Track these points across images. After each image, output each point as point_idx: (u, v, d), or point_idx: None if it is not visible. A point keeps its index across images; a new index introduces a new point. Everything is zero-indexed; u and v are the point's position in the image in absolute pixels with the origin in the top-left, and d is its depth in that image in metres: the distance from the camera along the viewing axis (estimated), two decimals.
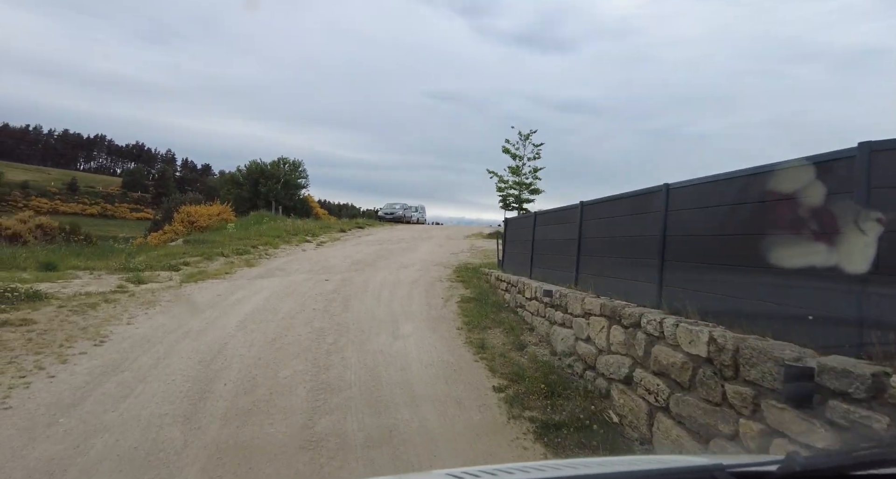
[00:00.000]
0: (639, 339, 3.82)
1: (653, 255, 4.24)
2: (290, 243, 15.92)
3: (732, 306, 3.26)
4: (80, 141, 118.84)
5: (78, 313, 5.90)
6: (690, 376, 3.13)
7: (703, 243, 3.81)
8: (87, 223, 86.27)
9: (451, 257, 13.90)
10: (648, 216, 4.47)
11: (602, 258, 5.38)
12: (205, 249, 13.08)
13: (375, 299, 7.71)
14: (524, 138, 24.76)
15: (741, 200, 3.45)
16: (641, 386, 3.68)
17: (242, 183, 31.12)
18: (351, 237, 19.67)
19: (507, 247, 9.38)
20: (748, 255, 3.18)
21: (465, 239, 20.80)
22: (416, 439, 3.46)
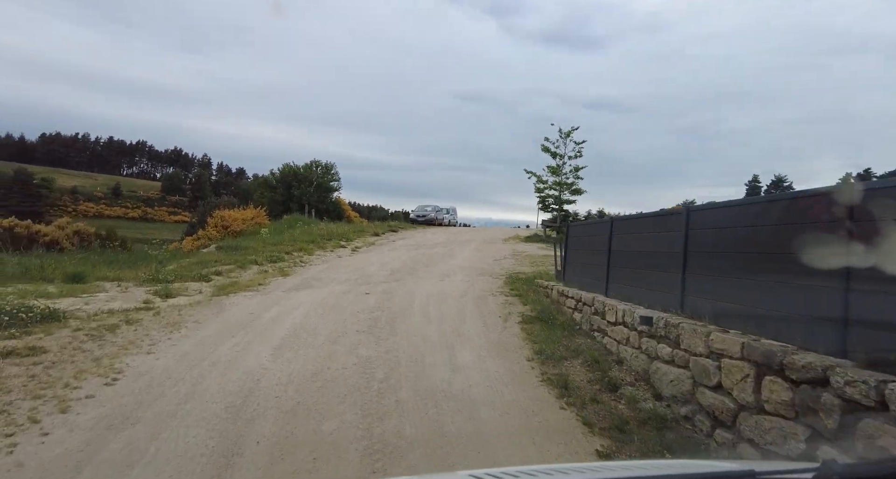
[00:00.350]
0: (827, 403, 2.69)
1: (820, 273, 3.07)
2: (325, 249, 15.21)
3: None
4: (124, 147, 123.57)
5: (94, 338, 5.16)
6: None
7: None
8: (129, 226, 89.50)
9: (495, 264, 12.83)
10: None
11: (724, 278, 4.22)
12: (237, 256, 12.48)
13: (424, 318, 6.74)
14: (564, 136, 23.43)
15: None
16: None
17: (276, 186, 30.93)
18: (385, 242, 18.88)
19: (569, 256, 8.26)
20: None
21: (504, 243, 19.70)
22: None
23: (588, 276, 7.15)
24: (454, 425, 3.78)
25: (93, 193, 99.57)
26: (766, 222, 3.83)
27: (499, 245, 18.41)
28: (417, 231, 25.63)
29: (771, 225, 3.77)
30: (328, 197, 31.24)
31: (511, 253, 15.44)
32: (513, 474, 1.06)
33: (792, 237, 3.41)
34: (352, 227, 23.26)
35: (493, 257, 14.29)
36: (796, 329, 3.26)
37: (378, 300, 7.72)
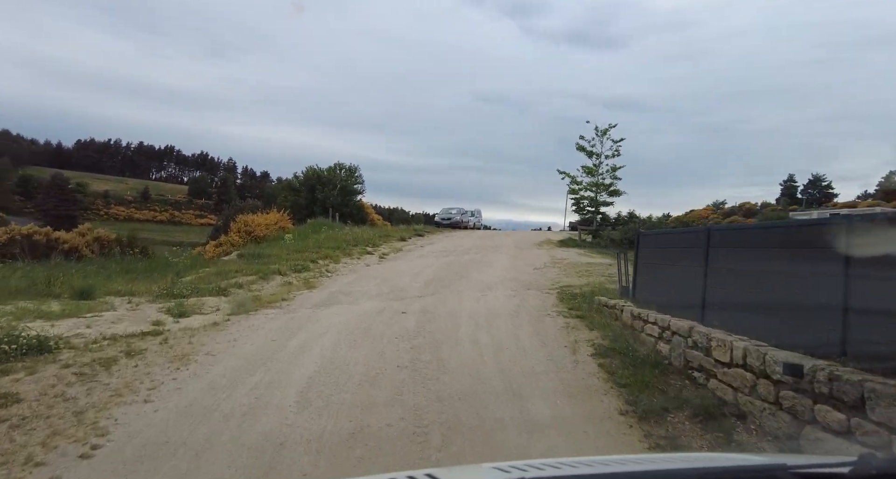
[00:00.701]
0: None
1: None
2: (351, 256, 14.26)
3: None
4: (153, 152, 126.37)
5: (84, 378, 4.21)
6: None
7: None
8: (157, 229, 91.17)
9: (537, 274, 11.64)
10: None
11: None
12: (260, 265, 11.61)
13: (474, 347, 5.63)
14: (601, 134, 22.10)
15: None
16: None
17: (299, 189, 30.32)
18: (413, 247, 17.87)
19: (641, 270, 7.04)
20: None
21: (539, 248, 18.45)
22: None
23: (672, 296, 5.92)
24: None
25: (123, 196, 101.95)
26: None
27: (534, 251, 17.20)
28: (444, 235, 24.59)
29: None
30: (352, 200, 30.47)
31: (550, 260, 14.21)
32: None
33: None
34: (377, 231, 22.37)
35: (532, 265, 13.10)
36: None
37: (417, 322, 6.65)
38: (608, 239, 20.68)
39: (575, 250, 17.44)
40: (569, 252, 16.74)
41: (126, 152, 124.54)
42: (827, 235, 3.73)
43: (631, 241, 20.48)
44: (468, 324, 6.57)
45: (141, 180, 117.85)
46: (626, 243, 19.56)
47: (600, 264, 13.55)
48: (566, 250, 17.47)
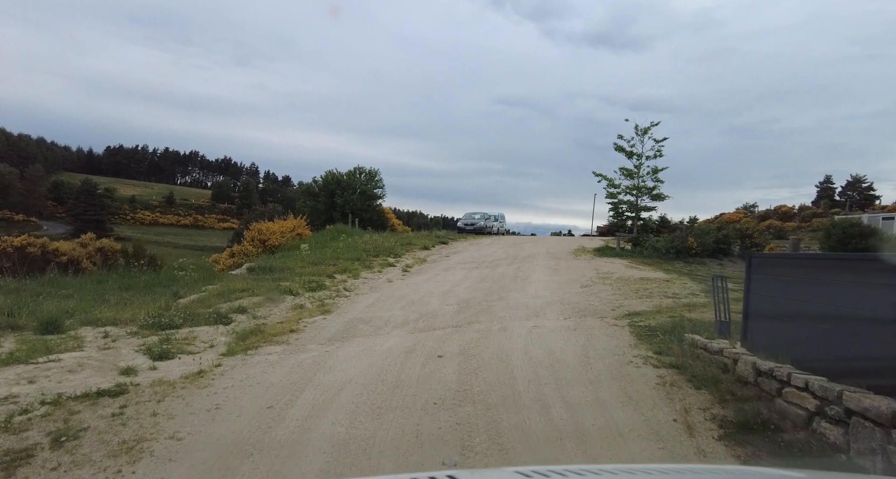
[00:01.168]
0: None
1: None
2: (372, 269, 12.76)
3: None
4: (178, 157, 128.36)
5: None
6: None
7: None
8: (181, 233, 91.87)
9: (588, 293, 9.92)
10: None
11: None
12: (271, 281, 10.20)
13: (546, 421, 3.98)
14: (641, 133, 20.15)
15: None
16: None
17: (318, 194, 29.14)
18: (438, 257, 16.29)
19: (756, 304, 5.27)
20: None
21: (575, 257, 16.68)
22: None
23: (824, 350, 4.16)
24: None
25: (149, 201, 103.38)
26: None
27: (572, 262, 15.44)
28: (468, 242, 22.98)
29: None
30: (372, 205, 29.15)
31: (596, 274, 12.45)
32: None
33: None
34: (398, 238, 20.88)
35: (577, 281, 11.37)
36: None
37: (459, 373, 5.03)
38: (650, 247, 18.76)
39: (619, 262, 15.60)
40: (613, 264, 14.93)
41: (153, 158, 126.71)
42: None
43: (678, 250, 18.49)
44: (527, 377, 4.92)
45: (166, 185, 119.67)
46: (672, 252, 17.62)
47: (656, 280, 11.73)
48: (609, 261, 15.65)
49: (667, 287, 10.79)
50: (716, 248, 17.48)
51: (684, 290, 10.54)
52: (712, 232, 18.08)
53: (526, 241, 25.83)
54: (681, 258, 17.26)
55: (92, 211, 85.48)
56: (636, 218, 20.14)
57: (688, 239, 17.39)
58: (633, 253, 18.11)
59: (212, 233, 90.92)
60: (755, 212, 59.77)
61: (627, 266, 14.54)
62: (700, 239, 17.38)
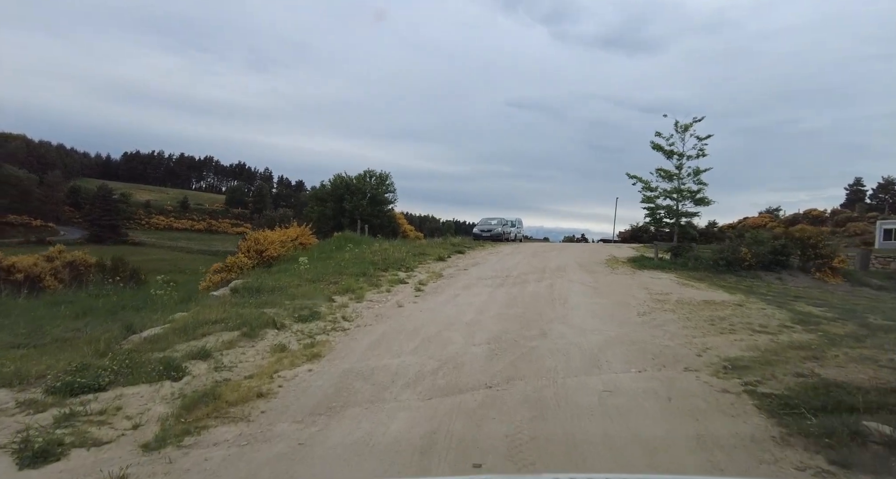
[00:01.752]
0: None
1: None
2: (379, 287, 10.71)
3: None
4: (193, 163, 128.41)
5: None
6: None
7: None
8: (195, 238, 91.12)
9: (650, 325, 7.72)
10: None
11: None
12: (254, 306, 8.20)
13: None
14: (682, 130, 17.85)
15: None
16: None
17: (326, 200, 27.29)
18: (455, 271, 14.19)
19: None
20: None
21: (612, 270, 14.45)
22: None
23: None
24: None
25: (163, 206, 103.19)
26: None
27: (610, 276, 13.23)
28: (486, 251, 20.85)
29: None
30: (383, 210, 27.18)
31: (648, 295, 10.23)
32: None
33: None
34: (410, 247, 18.84)
35: (629, 305, 9.18)
36: None
37: None
38: (694, 258, 16.45)
39: (665, 276, 13.34)
40: (660, 280, 12.67)
41: (168, 163, 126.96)
42: None
43: (728, 262, 16.12)
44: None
45: (181, 190, 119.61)
46: (722, 264, 15.28)
47: (725, 304, 9.48)
48: (653, 276, 13.40)
49: (745, 315, 8.54)
50: (772, 259, 15.10)
51: (770, 319, 8.28)
52: (768, 241, 15.69)
53: (548, 249, 23.58)
54: (731, 271, 14.93)
55: (107, 216, 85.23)
56: (676, 224, 17.81)
57: (740, 249, 15.04)
58: (675, 265, 15.81)
59: (225, 237, 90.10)
60: (780, 216, 56.51)
61: (679, 283, 12.27)
62: (754, 249, 15.02)
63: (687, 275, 14.15)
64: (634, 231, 38.74)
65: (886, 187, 62.13)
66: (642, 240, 37.28)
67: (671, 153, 17.32)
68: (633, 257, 18.37)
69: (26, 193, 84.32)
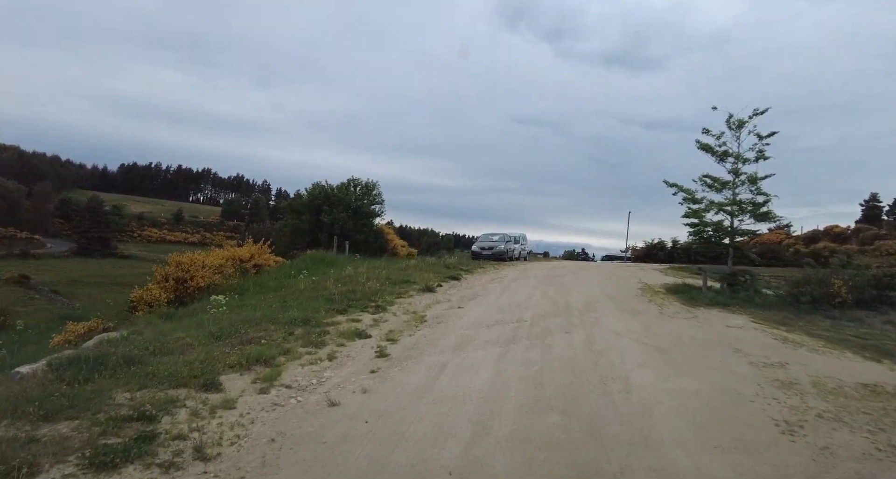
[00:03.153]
0: None
1: None
2: (319, 350, 6.52)
3: None
4: (191, 175, 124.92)
5: None
6: None
7: None
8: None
9: (826, 464, 3.59)
10: None
11: None
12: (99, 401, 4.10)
13: None
14: (737, 126, 13.94)
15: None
16: None
17: (301, 211, 23.27)
18: (444, 310, 10.05)
19: None
20: None
21: (659, 309, 10.31)
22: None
23: None
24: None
25: (157, 219, 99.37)
26: None
27: (664, 322, 9.09)
28: (488, 275, 16.74)
29: None
30: (368, 224, 23.11)
31: (754, 369, 6.08)
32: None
33: None
34: (393, 270, 14.72)
35: (754, 402, 5.02)
36: None
37: None
38: (753, 289, 12.38)
39: (742, 322, 9.17)
40: (741, 330, 8.51)
41: (166, 175, 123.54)
42: None
43: (813, 297, 11.92)
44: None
45: (178, 202, 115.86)
46: (806, 301, 11.16)
47: (892, 388, 5.35)
48: (725, 321, 9.24)
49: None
50: (877, 295, 10.98)
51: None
52: (864, 268, 11.60)
53: (561, 271, 19.43)
54: (818, 310, 10.80)
55: (96, 228, 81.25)
56: (731, 245, 13.72)
57: (832, 280, 10.93)
58: (737, 300, 11.70)
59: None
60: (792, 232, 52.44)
61: (771, 335, 8.13)
62: (851, 281, 10.91)
63: (762, 317, 10.03)
64: (649, 249, 34.62)
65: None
66: (658, 259, 33.12)
67: (725, 155, 13.33)
68: (672, 286, 14.27)
69: (14, 204, 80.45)
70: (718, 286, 13.75)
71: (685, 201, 14.17)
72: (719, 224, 13.71)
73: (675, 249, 32.96)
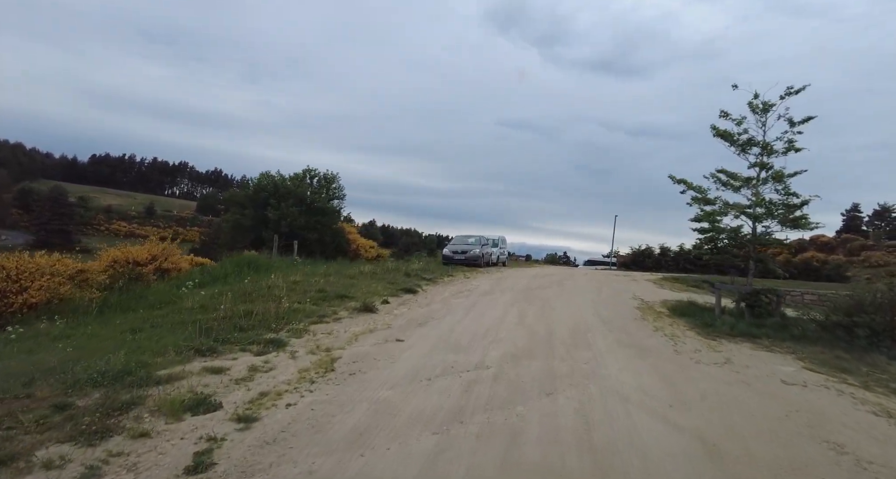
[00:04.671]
0: None
1: None
2: (129, 428, 3.37)
3: None
4: (167, 168, 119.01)
5: None
6: None
7: None
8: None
9: None
10: None
11: None
12: None
13: None
14: (762, 109, 11.16)
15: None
16: None
17: (245, 205, 19.86)
18: (379, 341, 6.86)
19: None
20: None
21: (671, 342, 7.29)
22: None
23: None
24: None
25: (127, 212, 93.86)
26: None
27: (686, 367, 6.12)
28: (454, 285, 13.73)
29: None
30: (325, 222, 19.81)
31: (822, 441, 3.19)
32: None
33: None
34: (334, 280, 11.55)
35: None
36: None
37: None
38: (777, 314, 9.67)
39: (792, 369, 6.29)
40: (798, 388, 5.60)
41: (140, 168, 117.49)
42: None
43: (872, 329, 8.57)
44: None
45: (153, 196, 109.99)
46: (864, 337, 8.39)
47: None
48: (768, 367, 6.33)
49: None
50: None
51: None
52: None
53: (543, 281, 16.50)
54: (877, 346, 8.01)
55: (58, 220, 75.72)
56: (752, 257, 10.90)
57: None
58: (765, 329, 8.90)
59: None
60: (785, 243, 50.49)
61: (855, 399, 5.24)
62: None
63: (812, 358, 7.20)
64: (636, 256, 32.06)
65: (882, 214, 57.42)
66: (646, 267, 30.55)
67: (747, 144, 10.50)
68: (675, 305, 11.45)
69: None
70: (732, 306, 10.97)
71: (695, 202, 11.33)
72: (737, 231, 10.90)
73: (665, 256, 30.47)
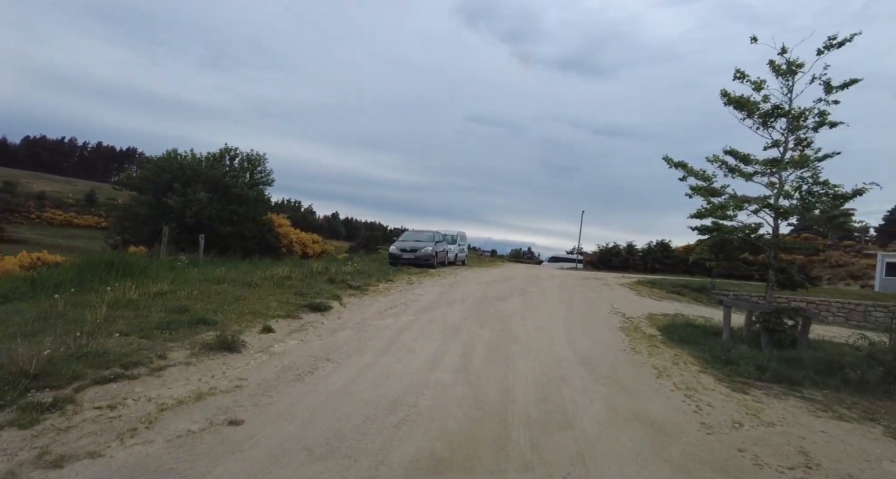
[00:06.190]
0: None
1: None
2: None
3: None
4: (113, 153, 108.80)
5: None
6: None
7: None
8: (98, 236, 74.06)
9: None
10: None
11: None
12: None
13: None
14: (788, 71, 8.17)
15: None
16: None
17: (142, 190, 15.79)
18: (198, 429, 3.49)
19: None
20: None
21: (683, 394, 4.30)
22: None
23: None
24: None
25: (63, 199, 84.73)
26: None
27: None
28: (389, 295, 10.47)
29: None
30: (243, 212, 15.97)
31: None
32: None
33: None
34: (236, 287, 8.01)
35: None
36: None
37: None
38: (804, 342, 7.04)
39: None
40: None
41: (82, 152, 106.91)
42: None
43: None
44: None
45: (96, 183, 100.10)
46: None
47: None
48: None
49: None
50: None
51: None
52: None
53: (506, 290, 13.52)
54: None
55: None
56: (771, 264, 8.22)
57: None
58: (789, 363, 6.21)
59: None
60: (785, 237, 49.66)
61: None
62: None
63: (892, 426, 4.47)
64: (602, 254, 29.81)
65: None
66: (613, 266, 28.33)
67: (772, 115, 7.75)
68: (668, 324, 8.71)
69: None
70: (743, 326, 8.33)
71: (696, 192, 8.55)
72: (751, 229, 8.19)
73: (632, 255, 28.47)
